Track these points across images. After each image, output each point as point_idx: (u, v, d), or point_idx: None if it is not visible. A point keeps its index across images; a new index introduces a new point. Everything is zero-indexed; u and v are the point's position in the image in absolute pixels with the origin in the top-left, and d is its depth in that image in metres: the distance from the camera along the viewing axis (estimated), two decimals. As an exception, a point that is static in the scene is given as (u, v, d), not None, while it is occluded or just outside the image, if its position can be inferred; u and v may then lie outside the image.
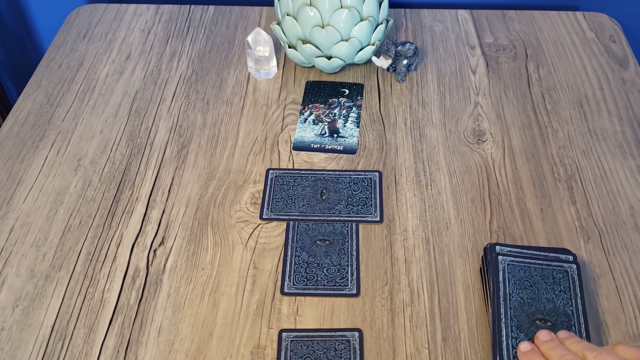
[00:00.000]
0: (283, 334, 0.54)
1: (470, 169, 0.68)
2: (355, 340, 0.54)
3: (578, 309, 0.52)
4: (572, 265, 0.55)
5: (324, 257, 0.60)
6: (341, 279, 0.58)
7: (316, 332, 0.54)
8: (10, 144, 0.72)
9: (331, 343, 0.53)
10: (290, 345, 0.53)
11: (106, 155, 0.71)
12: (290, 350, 0.53)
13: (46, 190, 0.67)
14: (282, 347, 0.53)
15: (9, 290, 0.58)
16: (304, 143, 0.71)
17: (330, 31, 0.73)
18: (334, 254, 0.60)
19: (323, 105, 0.76)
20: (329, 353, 0.53)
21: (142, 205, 0.65)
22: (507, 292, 0.53)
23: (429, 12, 0.90)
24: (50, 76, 0.81)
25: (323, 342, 0.53)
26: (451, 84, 0.79)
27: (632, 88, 0.77)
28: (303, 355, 0.53)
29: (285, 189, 0.66)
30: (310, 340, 0.54)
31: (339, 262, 0.60)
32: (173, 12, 0.91)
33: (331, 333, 0.54)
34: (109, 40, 0.87)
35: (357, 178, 0.67)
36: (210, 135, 0.73)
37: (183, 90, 0.78)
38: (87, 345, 0.54)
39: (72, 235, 0.63)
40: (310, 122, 0.73)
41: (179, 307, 0.57)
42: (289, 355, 0.53)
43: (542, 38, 0.85)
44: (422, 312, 0.56)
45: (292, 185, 0.66)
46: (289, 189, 0.66)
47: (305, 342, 0.53)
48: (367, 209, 0.64)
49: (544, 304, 0.52)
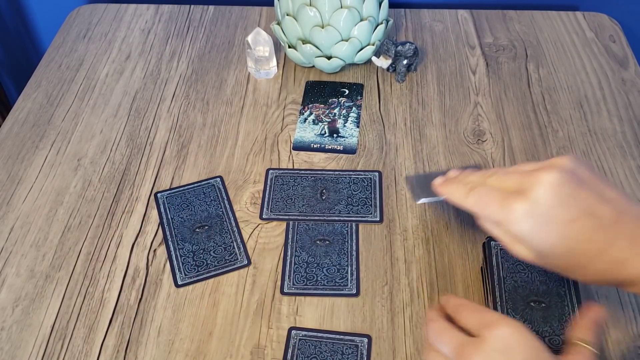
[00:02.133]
0: (292, 331, 0.54)
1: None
2: (363, 347, 0.53)
3: (570, 289, 0.53)
4: None
5: (323, 257, 0.60)
6: (341, 279, 0.58)
7: (325, 333, 0.54)
8: (10, 144, 0.72)
9: (339, 346, 0.53)
10: (298, 344, 0.53)
11: (106, 155, 0.71)
12: (298, 348, 0.53)
13: (46, 190, 0.67)
14: (290, 345, 0.53)
15: (9, 290, 0.58)
16: (304, 143, 0.71)
17: (330, 31, 0.73)
18: (334, 254, 0.60)
19: (323, 105, 0.76)
20: (335, 356, 0.52)
21: (142, 205, 0.65)
22: (502, 276, 0.54)
23: (429, 12, 0.90)
24: (50, 76, 0.81)
25: (331, 345, 0.53)
26: (451, 84, 0.79)
27: (632, 88, 0.77)
28: (310, 355, 0.53)
29: (285, 189, 0.66)
30: (318, 341, 0.54)
31: (338, 262, 0.60)
32: (173, 12, 0.91)
33: (340, 336, 0.54)
34: (108, 40, 0.87)
35: (357, 178, 0.67)
36: (210, 135, 0.73)
37: (183, 90, 0.78)
38: (87, 345, 0.54)
39: (72, 235, 0.63)
40: (310, 122, 0.73)
41: (179, 307, 0.57)
42: (296, 354, 0.53)
43: (542, 38, 0.85)
44: (422, 312, 0.56)
45: (292, 185, 0.66)
46: (289, 189, 0.66)
47: (313, 343, 0.53)
48: (367, 209, 0.64)
49: (537, 286, 0.53)
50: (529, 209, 0.42)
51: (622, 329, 0.55)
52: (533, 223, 0.42)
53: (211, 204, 0.64)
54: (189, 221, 0.63)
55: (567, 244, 0.42)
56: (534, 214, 0.42)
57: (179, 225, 0.63)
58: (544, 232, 0.42)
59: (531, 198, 0.42)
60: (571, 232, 0.42)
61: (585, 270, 0.43)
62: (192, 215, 0.63)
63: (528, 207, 0.42)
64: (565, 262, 0.43)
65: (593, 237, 0.42)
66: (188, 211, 0.64)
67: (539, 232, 0.43)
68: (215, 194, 0.65)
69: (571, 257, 0.43)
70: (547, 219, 0.42)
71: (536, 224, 0.42)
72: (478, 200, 0.46)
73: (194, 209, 0.64)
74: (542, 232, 0.43)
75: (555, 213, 0.42)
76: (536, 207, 0.42)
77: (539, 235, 0.43)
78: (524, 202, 0.43)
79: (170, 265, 0.60)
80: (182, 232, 0.62)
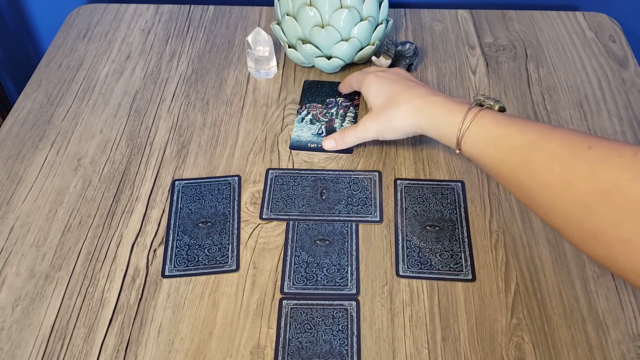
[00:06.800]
0: (284, 301, 0.56)
1: (470, 169, 0.68)
2: (352, 309, 0.56)
3: (461, 216, 0.63)
4: (458, 184, 0.66)
5: (323, 257, 0.60)
6: (341, 279, 0.58)
7: (315, 300, 0.57)
8: (10, 144, 0.72)
9: (329, 311, 0.56)
10: (290, 312, 0.56)
11: (106, 155, 0.71)
12: (290, 317, 0.55)
13: (46, 190, 0.67)
14: (283, 314, 0.55)
15: (9, 290, 0.58)
16: (301, 142, 0.71)
17: (330, 31, 0.73)
18: (334, 254, 0.60)
19: (320, 105, 0.76)
20: (327, 320, 0.55)
21: (142, 205, 0.65)
22: (404, 206, 0.64)
23: (429, 12, 0.90)
24: (50, 76, 0.81)
25: (322, 310, 0.56)
26: (451, 84, 0.79)
27: (632, 88, 0.77)
28: (302, 322, 0.55)
29: (285, 188, 0.66)
30: (309, 308, 0.56)
31: (338, 262, 0.60)
32: (173, 12, 0.91)
33: (330, 301, 0.56)
34: (108, 40, 0.87)
35: (357, 178, 0.67)
36: (210, 135, 0.73)
37: (183, 90, 0.79)
38: (87, 345, 0.54)
39: (72, 235, 0.63)
40: (307, 122, 0.73)
41: (179, 306, 0.57)
42: (288, 322, 0.55)
43: (542, 38, 0.85)
44: (422, 312, 0.56)
45: (292, 185, 0.66)
46: (289, 189, 0.66)
47: (304, 310, 0.56)
48: (367, 209, 0.64)
49: (433, 214, 0.63)
50: (367, 83, 0.68)
51: (622, 329, 0.55)
52: (368, 90, 0.68)
53: (221, 202, 0.64)
54: (195, 214, 0.63)
55: (381, 95, 0.66)
56: (370, 85, 0.68)
57: (184, 217, 0.63)
58: (372, 92, 0.67)
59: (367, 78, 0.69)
60: (383, 92, 0.66)
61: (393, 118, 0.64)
62: (199, 209, 0.64)
63: (368, 81, 0.68)
64: (384, 111, 0.64)
65: (394, 90, 0.65)
66: (197, 204, 0.64)
67: (370, 93, 0.67)
68: (228, 192, 0.65)
69: (385, 106, 0.65)
70: (376, 87, 0.67)
71: (369, 91, 0.67)
72: (349, 82, 0.74)
73: (204, 203, 0.64)
74: (371, 94, 0.67)
75: (377, 83, 0.67)
76: (370, 81, 0.68)
77: (370, 94, 0.67)
78: (366, 79, 0.69)
79: (163, 254, 0.60)
80: (185, 224, 0.63)
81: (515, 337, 0.54)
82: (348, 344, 0.54)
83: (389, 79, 0.67)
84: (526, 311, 0.56)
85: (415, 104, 0.62)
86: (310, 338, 0.54)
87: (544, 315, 0.56)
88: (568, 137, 0.50)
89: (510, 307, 0.56)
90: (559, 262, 0.59)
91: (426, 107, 0.61)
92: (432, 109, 0.61)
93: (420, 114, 0.61)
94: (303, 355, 0.53)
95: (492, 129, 0.55)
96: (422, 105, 0.61)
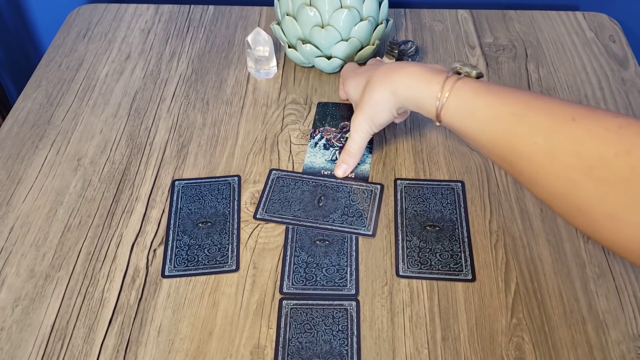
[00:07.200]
0: (283, 301, 0.56)
1: (470, 169, 0.68)
2: (352, 309, 0.56)
3: (461, 216, 0.63)
4: (458, 184, 0.66)
5: (323, 258, 0.60)
6: (340, 279, 0.58)
7: (315, 300, 0.56)
8: (10, 144, 0.72)
9: (329, 311, 0.56)
10: (290, 313, 0.55)
11: (106, 155, 0.71)
12: (290, 317, 0.55)
13: (46, 190, 0.67)
14: (282, 314, 0.55)
15: (9, 290, 0.58)
16: (314, 169, 0.68)
17: (330, 31, 0.73)
18: (334, 254, 0.60)
19: (335, 129, 0.73)
20: (327, 320, 0.55)
21: (142, 205, 0.65)
22: (404, 207, 0.64)
23: (429, 12, 0.90)
24: (50, 76, 0.81)
25: (322, 310, 0.56)
26: (451, 84, 0.78)
27: (632, 88, 0.77)
28: (302, 322, 0.55)
29: (285, 190, 0.66)
30: (309, 308, 0.56)
31: (338, 262, 0.60)
32: (173, 12, 0.91)
33: (329, 302, 0.56)
34: (108, 40, 0.87)
35: (357, 189, 0.66)
36: (210, 135, 0.73)
37: (183, 90, 0.79)
38: (87, 345, 0.54)
39: (72, 235, 0.63)
40: (320, 147, 0.70)
41: (179, 306, 0.57)
42: (288, 322, 0.55)
43: (542, 38, 0.85)
44: (422, 312, 0.56)
45: (291, 188, 0.66)
46: (288, 191, 0.66)
47: (304, 310, 0.56)
48: (362, 221, 0.63)
49: (433, 214, 0.63)
50: (346, 85, 0.68)
51: (622, 329, 0.55)
52: (348, 90, 0.68)
53: (221, 202, 0.64)
54: (195, 214, 0.63)
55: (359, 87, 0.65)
56: (348, 85, 0.68)
57: (184, 217, 0.63)
58: (351, 91, 0.67)
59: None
60: (359, 84, 0.65)
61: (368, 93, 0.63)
62: (199, 209, 0.64)
63: (347, 83, 0.68)
64: (365, 99, 0.63)
65: (366, 76, 0.64)
66: (197, 204, 0.64)
67: (350, 93, 0.68)
68: (228, 193, 0.65)
69: (364, 95, 0.63)
70: (352, 83, 0.67)
71: (349, 91, 0.68)
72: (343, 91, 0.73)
73: (204, 204, 0.64)
74: (350, 93, 0.67)
75: (353, 79, 0.67)
76: (348, 83, 0.68)
77: (350, 93, 0.68)
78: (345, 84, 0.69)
79: (163, 254, 0.60)
80: (185, 224, 0.63)
81: (515, 337, 0.54)
82: (348, 344, 0.54)
83: (362, 70, 0.66)
84: (526, 311, 0.56)
85: (389, 77, 0.60)
86: (310, 338, 0.54)
87: (544, 315, 0.56)
88: (551, 107, 0.48)
89: (510, 307, 0.56)
90: (559, 262, 0.59)
91: (402, 78, 0.58)
92: (408, 79, 0.58)
93: (395, 84, 0.59)
94: (303, 356, 0.53)
95: (472, 99, 0.53)
96: (396, 78, 0.59)
